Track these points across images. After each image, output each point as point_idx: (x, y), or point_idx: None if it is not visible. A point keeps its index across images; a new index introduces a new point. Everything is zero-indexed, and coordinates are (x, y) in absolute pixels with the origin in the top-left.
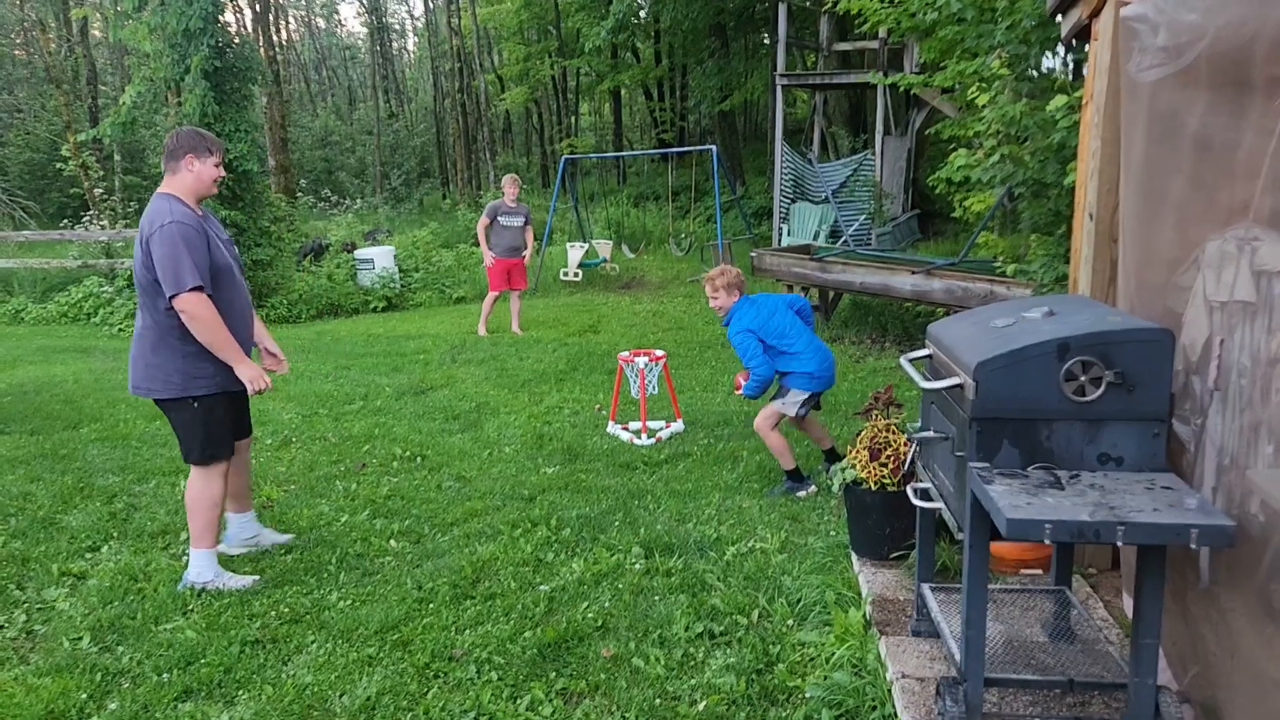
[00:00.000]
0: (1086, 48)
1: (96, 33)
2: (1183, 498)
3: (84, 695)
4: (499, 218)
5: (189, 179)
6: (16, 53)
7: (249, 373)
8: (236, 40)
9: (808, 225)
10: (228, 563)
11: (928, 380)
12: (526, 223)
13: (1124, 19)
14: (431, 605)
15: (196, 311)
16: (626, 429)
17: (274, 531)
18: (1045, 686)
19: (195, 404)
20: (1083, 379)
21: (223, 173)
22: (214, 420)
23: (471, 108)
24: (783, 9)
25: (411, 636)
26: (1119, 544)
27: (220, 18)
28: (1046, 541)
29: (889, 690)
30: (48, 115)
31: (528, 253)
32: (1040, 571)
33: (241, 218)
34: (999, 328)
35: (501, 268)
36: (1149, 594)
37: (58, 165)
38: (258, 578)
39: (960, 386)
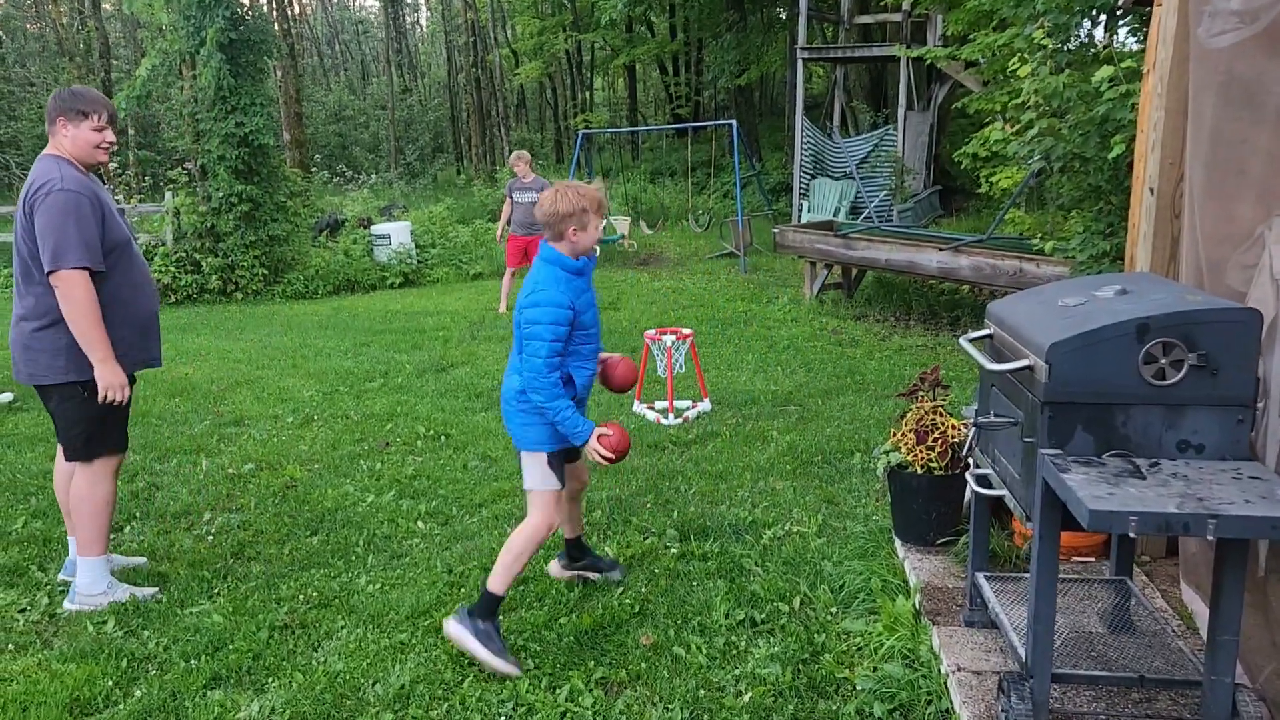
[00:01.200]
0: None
1: (108, 6)
2: (1274, 488)
3: (109, 682)
4: (514, 194)
5: (66, 143)
6: (28, 26)
7: (109, 377)
8: (250, 13)
9: (828, 201)
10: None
11: (991, 362)
12: None
13: None
14: (463, 589)
15: (73, 293)
16: (653, 408)
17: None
18: (1114, 683)
19: (83, 390)
20: (1163, 362)
21: (109, 137)
22: (103, 409)
23: (485, 82)
24: None
25: (444, 622)
26: (1209, 538)
27: None
28: (1132, 535)
29: (944, 683)
30: (60, 89)
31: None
32: (1092, 559)
33: (257, 192)
34: (1069, 306)
35: (517, 244)
36: (1229, 589)
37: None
38: (157, 590)
39: (1030, 369)
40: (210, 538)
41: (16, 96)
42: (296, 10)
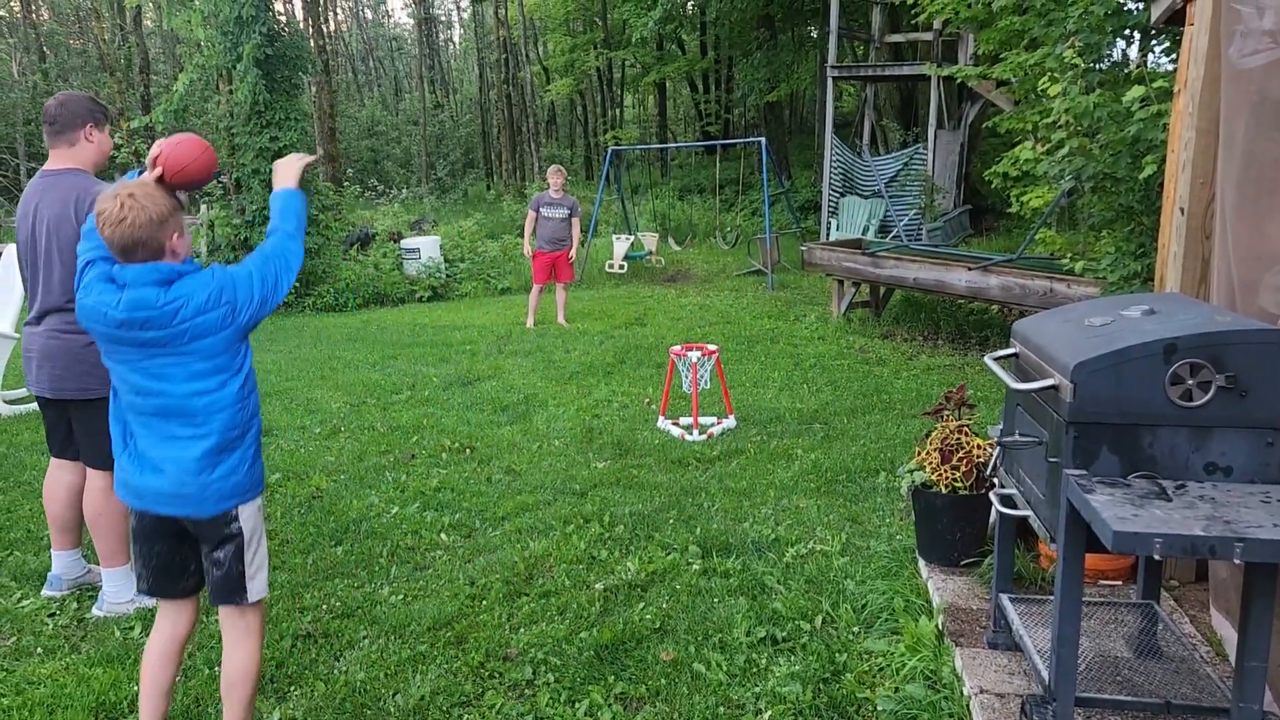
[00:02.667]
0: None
1: (149, 22)
2: None
3: (135, 687)
4: (541, 209)
5: (90, 151)
6: (72, 41)
7: None
8: (287, 29)
9: (856, 219)
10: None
11: (1016, 381)
12: (572, 214)
13: (1227, 0)
14: (485, 602)
15: None
16: (677, 424)
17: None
18: (1140, 709)
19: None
20: (1190, 383)
21: (114, 144)
22: None
23: (517, 99)
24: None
25: (465, 634)
26: (1236, 561)
27: (271, 6)
28: (1157, 557)
29: (967, 706)
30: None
31: (573, 247)
32: (1119, 582)
33: None
34: (1096, 326)
35: (544, 261)
36: (1257, 615)
37: (110, 153)
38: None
39: (1055, 388)
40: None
41: None
42: (332, 27)
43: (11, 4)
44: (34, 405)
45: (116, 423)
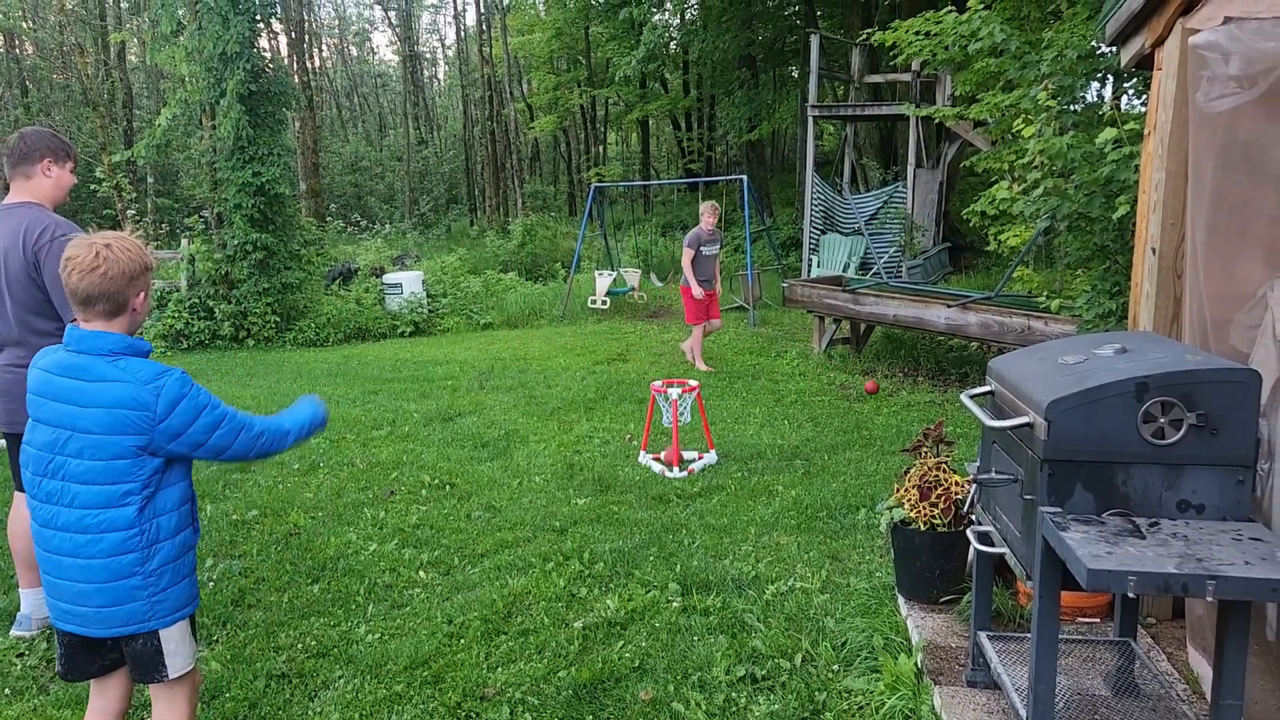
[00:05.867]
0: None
1: (133, 57)
2: (1274, 550)
3: None
4: (701, 247)
5: (48, 185)
6: (55, 76)
7: None
8: (271, 66)
9: (837, 256)
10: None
11: (992, 418)
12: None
13: (1194, 46)
14: (462, 640)
15: None
16: (659, 459)
17: None
18: None
19: None
20: (1162, 421)
21: (74, 181)
22: None
23: (501, 135)
24: (815, 41)
25: (442, 673)
26: (1209, 599)
27: (256, 43)
28: (1131, 594)
29: None
30: (83, 137)
31: (716, 281)
32: (1097, 620)
33: (272, 240)
34: (1069, 364)
35: (704, 301)
36: (1232, 652)
37: (91, 186)
38: None
39: (1030, 426)
40: (211, 584)
41: None
42: (316, 63)
43: None
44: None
45: None
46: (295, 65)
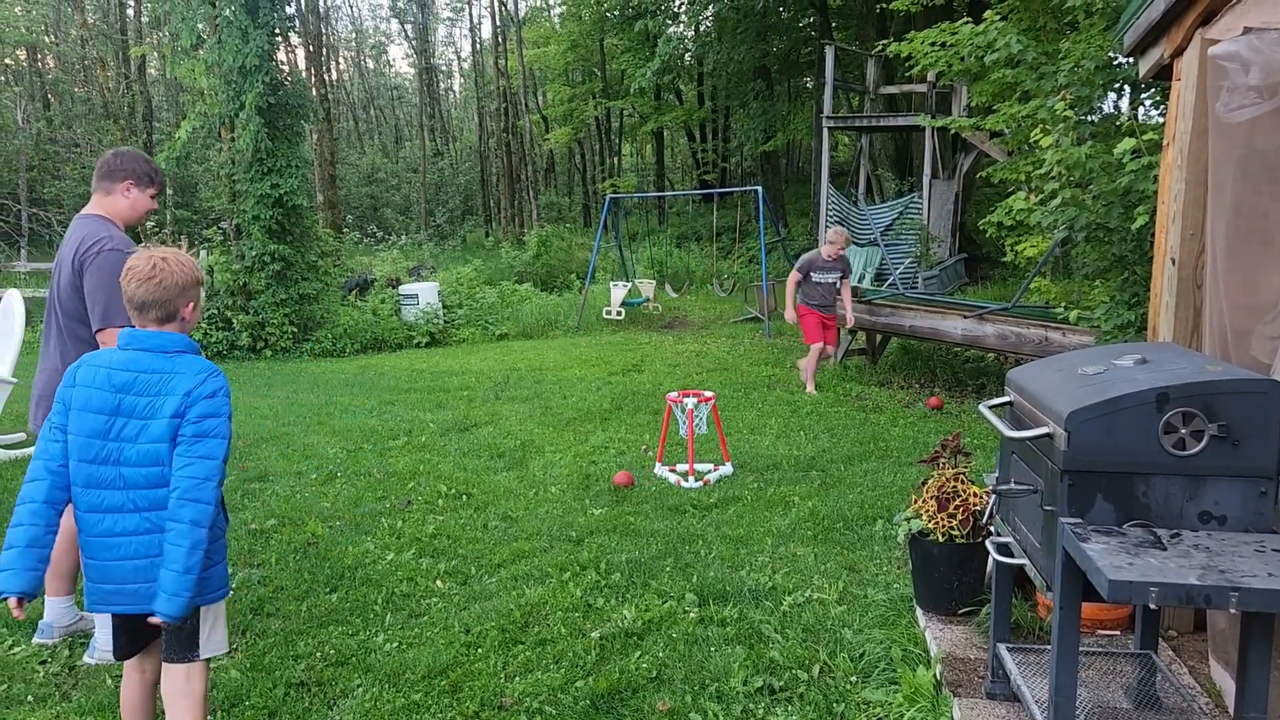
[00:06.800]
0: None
1: (153, 71)
2: None
3: None
4: (812, 274)
5: (123, 205)
6: (77, 89)
7: None
8: (289, 79)
9: (853, 267)
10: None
11: (1011, 428)
12: (844, 276)
13: (1213, 57)
14: (480, 650)
15: None
16: (674, 470)
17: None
18: None
19: None
20: (1183, 432)
21: (155, 207)
22: None
23: (516, 147)
24: (830, 52)
25: (460, 682)
26: (1232, 611)
27: (274, 56)
28: (1152, 606)
29: None
30: (104, 150)
31: (847, 311)
32: (1117, 632)
33: (290, 251)
34: (1089, 375)
35: (817, 319)
36: (1255, 665)
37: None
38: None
39: (1050, 436)
40: (231, 592)
41: (61, 157)
42: (334, 76)
43: (18, 53)
44: (31, 450)
45: None
46: (313, 78)
